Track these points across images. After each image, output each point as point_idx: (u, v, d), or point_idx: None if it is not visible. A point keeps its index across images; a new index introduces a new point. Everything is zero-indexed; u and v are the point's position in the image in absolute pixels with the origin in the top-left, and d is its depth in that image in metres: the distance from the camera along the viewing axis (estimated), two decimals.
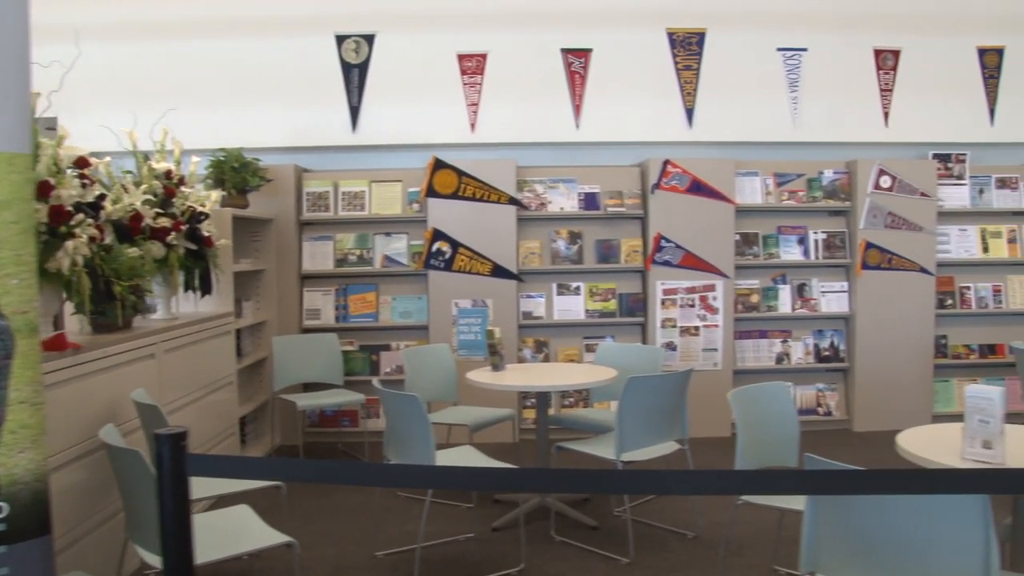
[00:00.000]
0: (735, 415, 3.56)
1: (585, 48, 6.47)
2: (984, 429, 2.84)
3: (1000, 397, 2.81)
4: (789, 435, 3.83)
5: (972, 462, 2.83)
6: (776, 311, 6.52)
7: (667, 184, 6.24)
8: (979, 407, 2.85)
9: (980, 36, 6.69)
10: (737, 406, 3.60)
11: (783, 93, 6.58)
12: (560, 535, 4.45)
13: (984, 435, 2.84)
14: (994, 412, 2.81)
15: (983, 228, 6.72)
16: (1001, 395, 2.81)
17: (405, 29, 6.43)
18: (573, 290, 6.44)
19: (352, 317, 6.45)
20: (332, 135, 6.45)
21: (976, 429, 2.85)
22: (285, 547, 3.12)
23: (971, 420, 2.86)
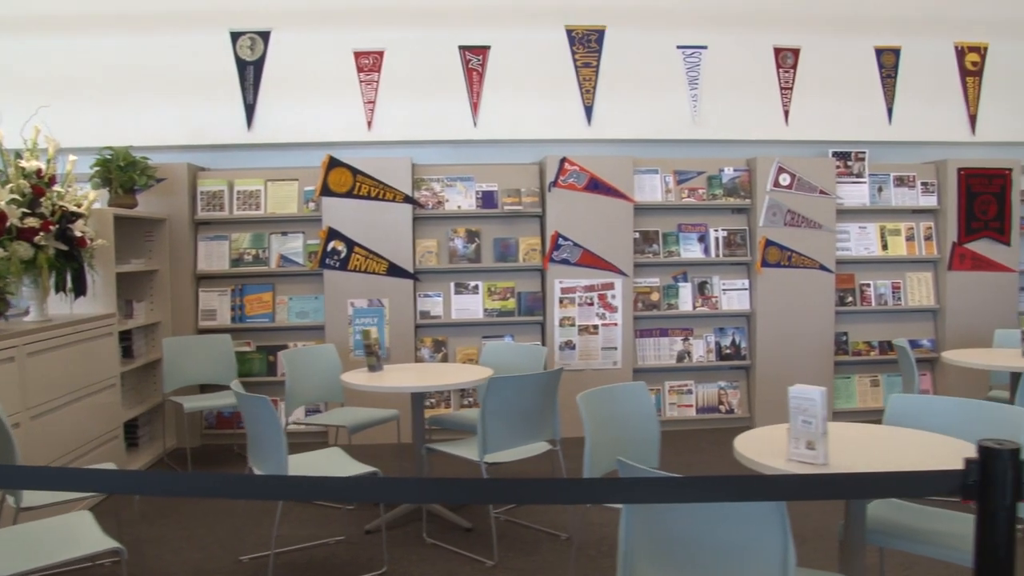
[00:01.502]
0: (583, 418, 3.52)
1: (483, 45, 6.42)
2: (807, 430, 2.81)
3: (821, 397, 2.78)
4: (649, 436, 3.80)
5: (796, 463, 2.81)
6: (677, 309, 6.51)
7: (564, 182, 6.20)
8: (801, 407, 2.82)
9: (877, 36, 6.74)
10: (587, 408, 3.55)
11: (683, 91, 6.57)
12: (432, 537, 4.39)
13: (807, 436, 2.81)
14: (816, 412, 2.79)
15: (882, 226, 6.77)
16: (822, 395, 2.78)
17: (301, 26, 6.35)
18: (471, 289, 6.38)
19: (248, 317, 6.35)
20: (227, 133, 6.34)
21: (799, 430, 2.83)
22: None
23: (795, 421, 2.83)
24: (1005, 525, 1.66)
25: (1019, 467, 1.64)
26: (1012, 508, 1.65)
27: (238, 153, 6.47)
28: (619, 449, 3.71)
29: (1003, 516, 1.65)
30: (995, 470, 1.64)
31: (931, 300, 6.79)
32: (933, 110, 6.82)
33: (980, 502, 1.65)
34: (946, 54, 6.83)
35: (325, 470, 4.05)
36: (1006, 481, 1.64)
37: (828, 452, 2.79)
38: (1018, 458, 1.64)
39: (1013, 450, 1.64)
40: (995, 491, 1.64)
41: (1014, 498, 1.64)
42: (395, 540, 4.37)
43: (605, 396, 3.73)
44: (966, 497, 1.66)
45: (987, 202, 6.67)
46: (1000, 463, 1.64)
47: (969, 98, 6.84)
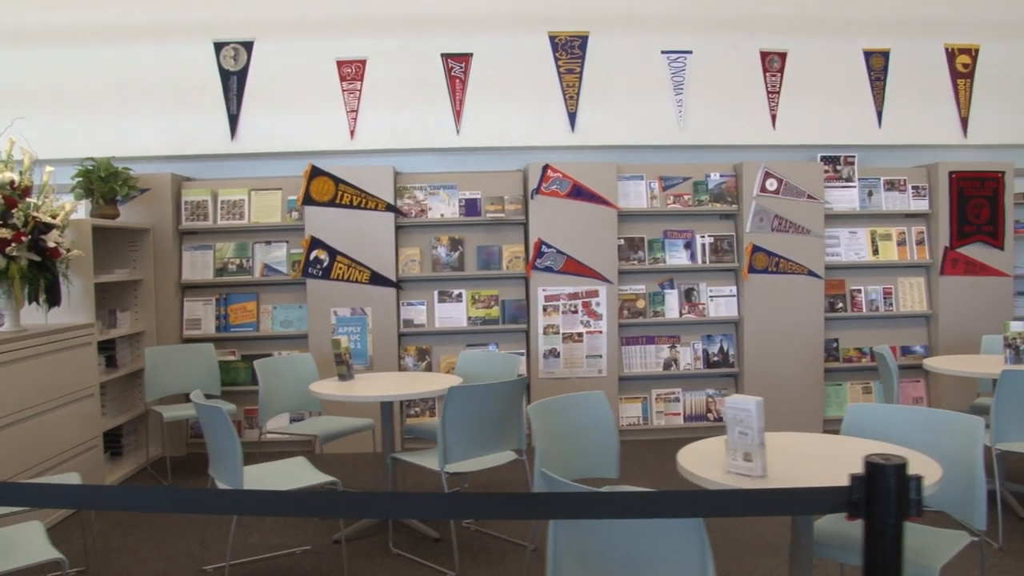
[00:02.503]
0: (534, 429, 3.47)
1: (465, 53, 6.40)
2: (744, 441, 2.76)
3: (757, 408, 2.73)
4: (607, 446, 3.75)
5: (734, 475, 2.76)
6: (663, 316, 6.45)
7: (547, 189, 6.17)
8: (738, 419, 2.77)
9: (866, 38, 6.66)
10: (538, 419, 3.51)
11: (668, 96, 6.52)
12: (399, 548, 4.37)
13: (744, 447, 2.76)
14: (752, 424, 2.74)
15: (873, 230, 6.68)
16: (757, 406, 2.73)
17: (284, 36, 6.36)
18: (455, 297, 6.36)
19: (233, 327, 6.37)
20: (211, 143, 6.36)
21: (736, 442, 2.78)
22: None
23: (731, 432, 2.78)
24: (892, 542, 1.61)
25: (905, 483, 1.59)
26: (898, 525, 1.60)
27: (222, 163, 6.50)
28: (576, 460, 3.67)
29: (890, 533, 1.60)
30: (880, 487, 1.59)
31: (924, 306, 6.68)
32: (924, 113, 6.72)
33: (866, 519, 1.61)
34: (936, 56, 6.74)
35: (284, 480, 4.04)
36: (890, 498, 1.59)
37: (766, 464, 2.73)
38: (904, 474, 1.59)
39: (899, 465, 1.59)
40: (880, 508, 1.59)
41: (899, 515, 1.59)
42: (362, 550, 4.35)
43: (560, 406, 3.69)
44: (852, 514, 1.62)
45: (980, 206, 6.56)
46: (885, 479, 1.59)
47: (960, 100, 6.74)
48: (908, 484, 1.60)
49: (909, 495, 1.60)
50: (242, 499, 2.00)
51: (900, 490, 1.59)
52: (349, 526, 4.61)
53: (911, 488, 1.60)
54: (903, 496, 1.59)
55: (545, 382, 6.19)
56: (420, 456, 4.35)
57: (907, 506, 1.60)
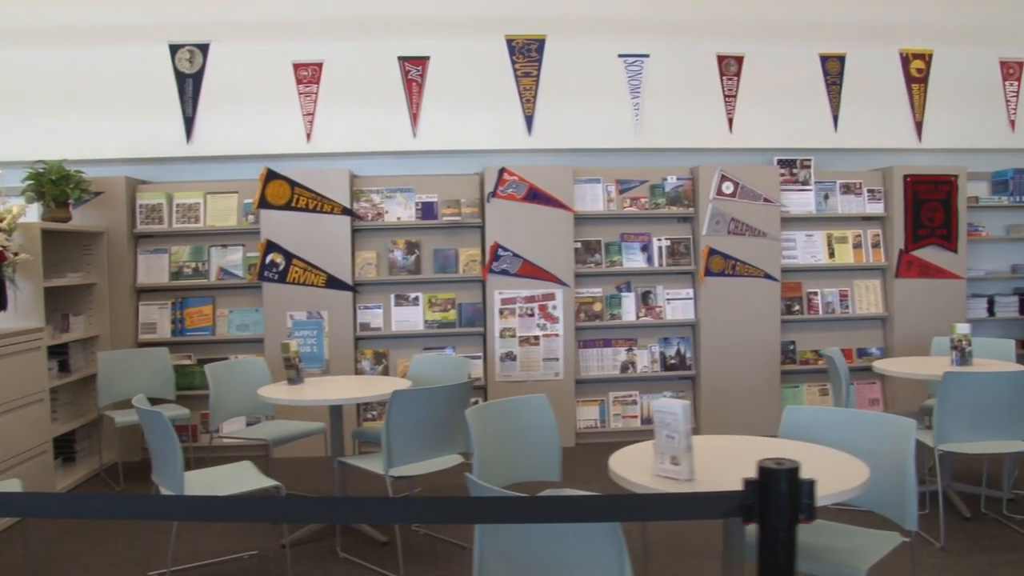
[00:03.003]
0: (471, 433, 3.47)
1: (422, 56, 6.40)
2: (671, 444, 2.77)
3: (683, 411, 2.74)
4: (549, 449, 3.76)
5: (663, 479, 2.77)
6: (620, 319, 6.47)
7: (503, 192, 6.18)
8: (665, 422, 2.78)
9: (822, 43, 6.71)
10: (477, 423, 3.51)
11: (625, 100, 6.54)
12: (347, 552, 4.36)
13: (671, 451, 2.77)
14: (678, 427, 2.75)
15: (829, 233, 6.73)
16: (684, 409, 2.74)
17: (240, 38, 6.33)
18: (411, 301, 6.35)
19: (189, 330, 6.33)
20: (166, 146, 6.32)
21: (664, 445, 2.78)
22: None
23: (659, 435, 2.78)
24: (785, 545, 1.62)
25: (797, 487, 1.60)
26: (790, 529, 1.61)
27: (177, 166, 6.46)
28: (516, 463, 3.68)
29: (782, 537, 1.61)
30: (772, 491, 1.60)
31: (879, 308, 6.74)
32: (879, 117, 6.78)
33: (760, 523, 1.61)
34: (891, 61, 6.80)
35: (228, 485, 4.02)
36: (782, 502, 1.60)
37: (693, 467, 2.74)
38: (796, 478, 1.60)
39: (791, 470, 1.60)
40: (772, 512, 1.60)
41: (791, 519, 1.60)
42: (310, 554, 4.34)
43: (501, 409, 3.69)
44: (745, 519, 1.62)
45: (933, 209, 6.63)
46: (777, 484, 1.60)
47: (915, 105, 6.80)
48: (800, 488, 1.61)
49: (801, 499, 1.61)
50: (178, 504, 1.99)
51: (792, 494, 1.60)
52: (297, 530, 4.59)
53: (803, 492, 1.61)
54: (795, 500, 1.60)
55: (502, 385, 6.19)
56: (366, 460, 4.34)
57: (799, 510, 1.61)
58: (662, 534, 4.49)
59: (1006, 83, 6.89)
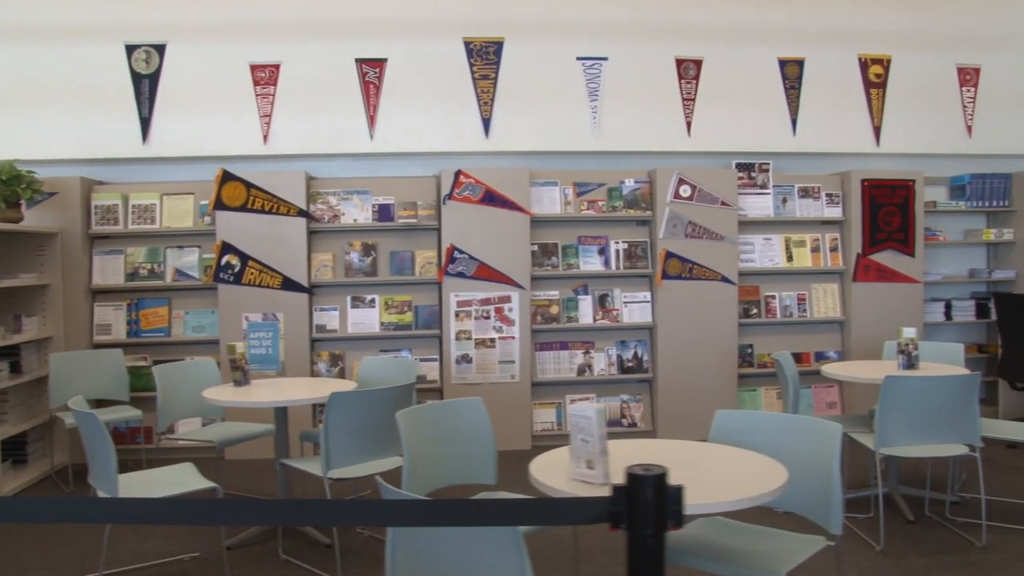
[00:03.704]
0: (402, 437, 3.47)
1: (380, 58, 6.39)
2: (586, 448, 2.78)
3: (597, 416, 2.74)
4: (484, 452, 3.76)
5: (579, 483, 2.77)
6: (577, 322, 6.47)
7: (460, 195, 6.18)
8: (580, 426, 2.78)
9: (781, 47, 6.74)
10: (407, 427, 3.50)
11: (583, 102, 6.55)
12: (288, 554, 4.35)
13: (587, 455, 2.78)
14: (593, 431, 2.75)
15: (787, 237, 6.75)
16: (598, 413, 2.74)
17: (197, 39, 6.31)
18: (368, 303, 6.35)
19: (144, 332, 6.30)
20: (122, 147, 6.29)
21: (579, 449, 2.79)
22: None
23: (575, 440, 2.79)
24: (653, 552, 1.62)
25: (665, 494, 1.61)
26: (657, 535, 1.61)
27: (133, 167, 6.44)
28: (450, 466, 3.67)
29: (649, 544, 1.61)
30: (640, 497, 1.60)
31: (837, 311, 6.77)
32: (837, 121, 6.82)
33: (628, 530, 1.62)
34: (850, 66, 6.83)
35: (164, 487, 4.00)
36: (648, 509, 1.60)
37: (609, 471, 2.74)
38: (664, 484, 1.61)
39: (658, 476, 1.61)
40: (639, 518, 1.60)
41: (658, 526, 1.61)
42: (252, 556, 4.33)
43: (434, 413, 3.69)
44: (613, 524, 1.62)
45: (891, 213, 6.66)
46: (644, 490, 1.60)
47: (873, 109, 6.84)
48: (668, 494, 1.61)
49: (670, 505, 1.61)
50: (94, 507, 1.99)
51: (659, 500, 1.60)
52: (240, 532, 4.58)
53: (671, 498, 1.61)
54: (663, 506, 1.60)
55: (458, 387, 6.19)
56: (307, 462, 4.33)
57: (668, 516, 1.61)
58: (597, 537, 4.50)
59: (963, 89, 6.94)
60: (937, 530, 4.52)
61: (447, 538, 2.46)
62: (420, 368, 6.36)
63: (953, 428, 4.29)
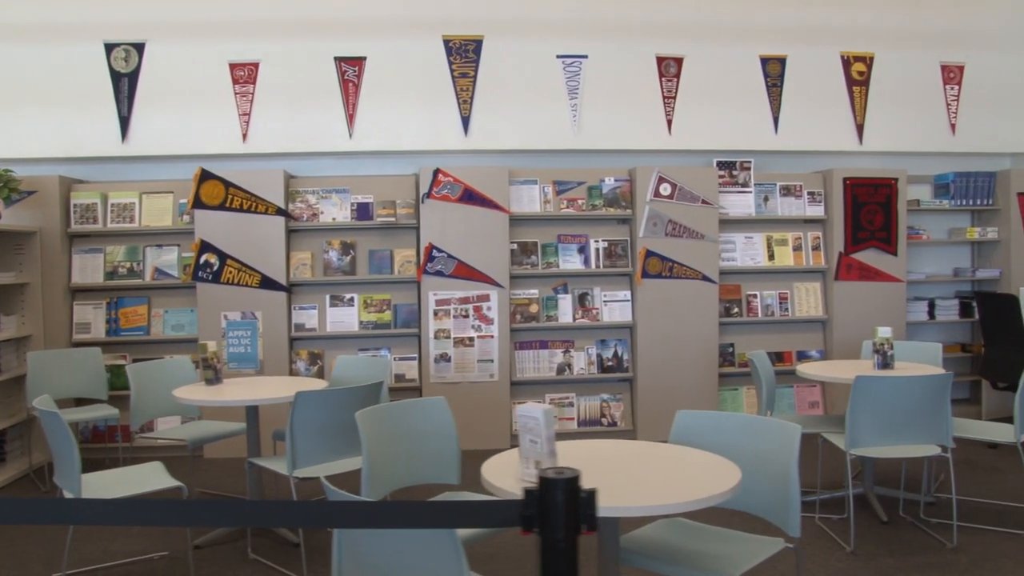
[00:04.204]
0: (361, 437, 3.45)
1: (359, 56, 6.37)
2: (534, 449, 2.76)
3: (544, 416, 2.72)
4: (447, 452, 3.75)
5: (529, 484, 2.75)
6: (557, 321, 6.45)
7: (438, 193, 6.16)
8: (528, 427, 2.77)
9: (762, 45, 6.71)
10: (368, 426, 3.49)
11: (563, 101, 6.52)
12: (257, 553, 4.35)
13: (535, 455, 2.76)
14: (541, 432, 2.73)
15: (769, 236, 6.73)
16: (545, 414, 2.72)
17: (176, 38, 6.30)
18: (346, 301, 6.33)
19: (124, 330, 6.30)
20: (101, 146, 6.28)
21: (528, 450, 2.77)
22: None
23: (523, 440, 2.78)
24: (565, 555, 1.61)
25: (577, 497, 1.60)
26: (569, 539, 1.60)
27: (113, 165, 6.43)
28: (412, 466, 3.66)
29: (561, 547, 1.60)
30: (551, 501, 1.59)
31: (819, 311, 6.74)
32: (820, 119, 6.79)
33: (540, 534, 1.61)
34: (832, 63, 6.80)
35: (129, 487, 4.00)
36: (560, 512, 1.59)
37: None
38: (575, 488, 1.60)
39: (570, 479, 1.60)
40: (551, 522, 1.59)
41: (570, 530, 1.59)
42: (220, 556, 4.33)
43: (396, 412, 3.68)
44: (525, 528, 1.61)
45: (873, 212, 6.64)
46: (555, 494, 1.59)
47: (856, 107, 6.81)
48: (580, 498, 1.60)
49: (583, 509, 1.60)
50: (46, 508, 1.98)
51: (571, 504, 1.59)
52: (211, 531, 4.58)
53: (584, 503, 1.60)
54: (574, 510, 1.59)
55: (436, 386, 6.18)
56: (275, 461, 4.33)
57: (582, 520, 1.60)
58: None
59: (947, 87, 6.90)
60: (910, 531, 4.51)
61: (386, 539, 2.45)
62: (399, 367, 6.37)
63: (925, 428, 4.27)
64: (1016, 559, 4.12)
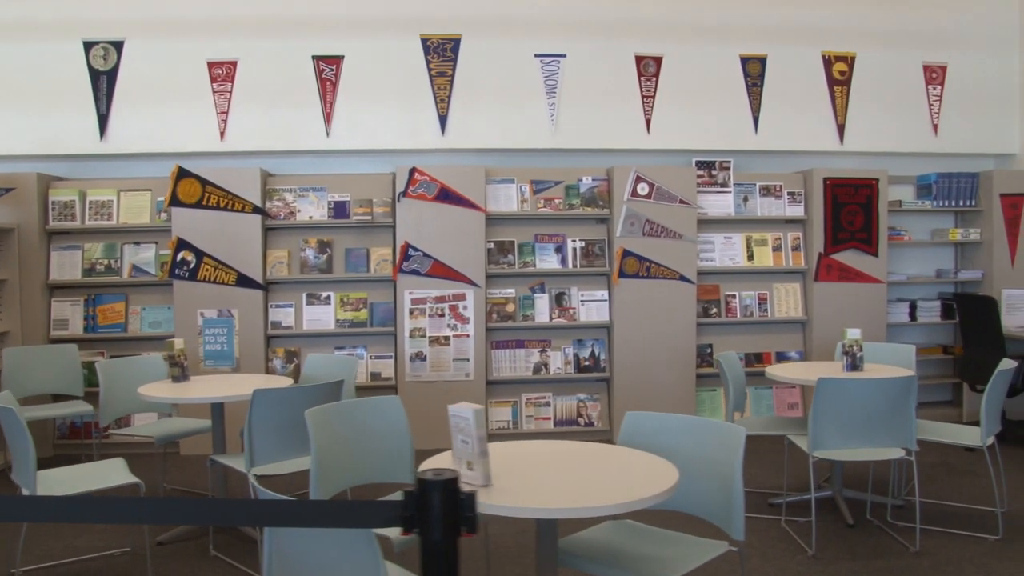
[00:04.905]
0: (311, 436, 3.45)
1: (337, 55, 6.38)
2: (466, 449, 2.76)
3: (474, 416, 2.72)
4: (401, 451, 3.75)
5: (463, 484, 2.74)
6: (533, 320, 6.44)
7: (414, 192, 6.16)
8: (460, 427, 2.76)
9: (743, 44, 6.68)
10: (317, 425, 3.49)
11: (541, 99, 6.51)
12: (219, 550, 4.36)
13: (466, 456, 2.76)
14: (471, 432, 2.73)
15: (748, 236, 6.70)
16: (475, 414, 2.72)
17: (155, 36, 6.32)
18: (323, 300, 6.34)
19: (101, 327, 6.32)
20: (79, 143, 6.30)
21: (460, 450, 2.77)
22: None
23: (455, 440, 2.77)
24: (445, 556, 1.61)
25: (457, 499, 1.60)
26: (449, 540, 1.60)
27: (91, 163, 6.45)
28: (364, 464, 3.66)
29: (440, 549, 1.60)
30: (429, 502, 1.59)
31: (799, 311, 6.71)
32: (800, 119, 6.76)
33: (419, 535, 1.60)
34: (813, 63, 6.77)
35: (86, 483, 4.01)
36: (438, 513, 1.59)
37: (489, 473, 2.73)
38: (454, 489, 1.59)
39: (448, 480, 1.59)
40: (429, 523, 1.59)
41: (448, 531, 1.59)
42: (183, 552, 4.35)
43: (347, 411, 3.68)
44: (406, 528, 1.61)
45: (853, 212, 6.60)
46: (433, 495, 1.59)
47: (837, 107, 6.77)
48: (459, 500, 1.60)
49: (463, 511, 1.60)
50: None
51: (449, 506, 1.59)
52: (174, 528, 4.59)
53: (463, 504, 1.60)
54: (453, 512, 1.59)
55: (412, 385, 6.18)
56: (235, 459, 4.34)
57: (461, 522, 1.60)
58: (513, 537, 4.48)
59: (929, 87, 6.87)
60: (875, 535, 4.49)
61: (307, 536, 2.46)
62: (375, 365, 6.38)
63: (889, 431, 4.25)
64: (978, 563, 4.10)
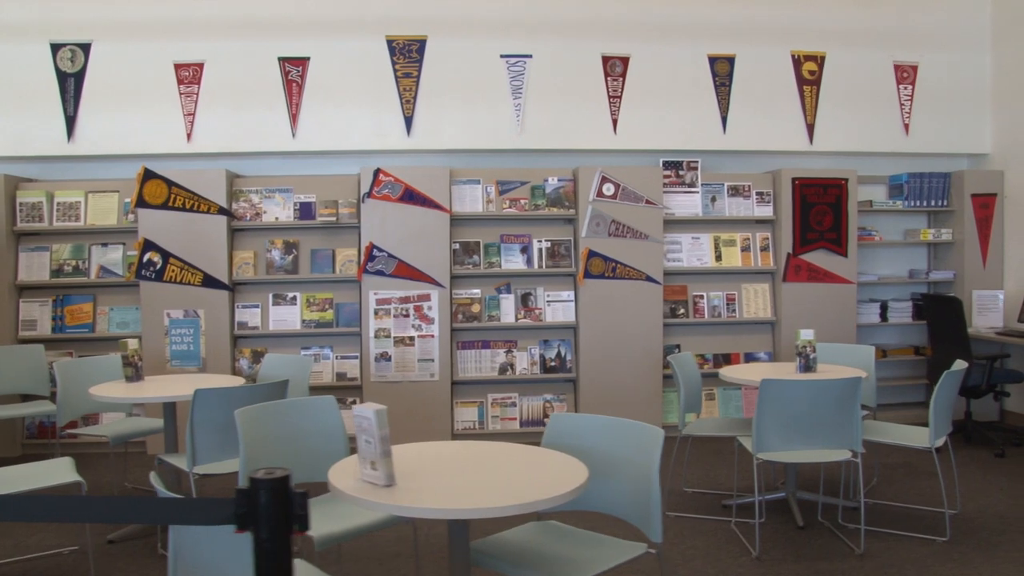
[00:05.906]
0: (239, 436, 3.47)
1: (303, 56, 6.40)
2: (369, 449, 2.76)
3: (376, 416, 2.72)
4: (334, 450, 3.76)
5: (366, 484, 2.76)
6: (499, 321, 6.44)
7: (379, 193, 6.17)
8: (362, 427, 2.77)
9: (711, 44, 6.66)
10: (247, 425, 3.51)
11: (507, 100, 6.51)
12: (166, 549, 4.36)
13: (370, 456, 2.76)
14: (374, 432, 2.74)
15: (716, 236, 6.68)
16: (376, 414, 2.72)
17: (122, 38, 6.35)
18: (289, 300, 6.36)
19: (69, 328, 6.36)
20: (47, 145, 6.34)
21: (364, 450, 2.78)
22: None
23: (360, 440, 2.78)
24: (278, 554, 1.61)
25: (288, 497, 1.60)
26: (281, 539, 1.61)
27: (59, 164, 6.49)
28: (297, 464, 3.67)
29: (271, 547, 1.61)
30: (262, 501, 1.60)
31: (768, 312, 6.69)
32: (769, 119, 6.73)
33: (253, 533, 1.61)
34: (783, 62, 6.75)
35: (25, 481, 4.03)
36: (270, 512, 1.60)
37: (392, 473, 2.73)
38: (286, 488, 1.60)
39: (280, 479, 1.60)
40: (263, 522, 1.60)
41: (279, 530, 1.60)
42: (131, 551, 4.37)
43: (279, 411, 3.69)
44: (239, 527, 1.62)
45: (822, 212, 6.58)
46: (264, 494, 1.60)
47: (807, 107, 6.75)
48: (292, 499, 1.61)
49: (294, 509, 1.61)
50: None
51: (280, 505, 1.60)
52: (125, 527, 4.62)
53: (295, 503, 1.61)
54: (284, 510, 1.60)
55: (377, 385, 6.20)
56: (179, 458, 4.36)
57: (293, 520, 1.61)
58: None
59: (900, 87, 6.83)
60: (823, 536, 4.47)
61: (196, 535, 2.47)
62: (341, 366, 6.39)
63: (834, 433, 4.23)
64: (922, 565, 4.08)
